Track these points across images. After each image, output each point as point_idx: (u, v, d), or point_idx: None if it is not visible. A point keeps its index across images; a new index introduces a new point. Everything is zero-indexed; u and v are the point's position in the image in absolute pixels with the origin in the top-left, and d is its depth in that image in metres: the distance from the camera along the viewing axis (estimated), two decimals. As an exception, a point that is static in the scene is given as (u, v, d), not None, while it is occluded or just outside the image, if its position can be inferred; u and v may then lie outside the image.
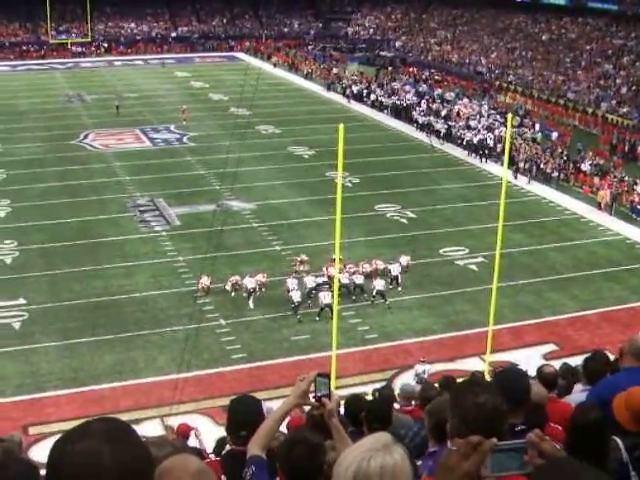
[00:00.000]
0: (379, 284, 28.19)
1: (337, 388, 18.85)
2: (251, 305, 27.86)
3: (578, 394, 7.64)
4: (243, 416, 5.24)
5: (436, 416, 4.24)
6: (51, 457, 2.15)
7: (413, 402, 10.73)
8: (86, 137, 52.27)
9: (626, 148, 50.12)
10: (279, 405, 4.23)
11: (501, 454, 2.28)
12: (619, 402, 5.45)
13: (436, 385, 9.17)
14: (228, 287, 28.56)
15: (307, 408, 5.91)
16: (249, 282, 28.11)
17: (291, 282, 27.91)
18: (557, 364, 12.48)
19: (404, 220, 36.95)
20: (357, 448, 2.93)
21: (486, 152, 47.41)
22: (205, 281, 28.26)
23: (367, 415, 7.17)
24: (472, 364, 23.09)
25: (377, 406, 7.66)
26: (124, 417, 17.01)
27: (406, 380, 20.18)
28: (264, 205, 38.57)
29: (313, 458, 4.17)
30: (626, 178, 42.07)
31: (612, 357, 8.45)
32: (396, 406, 11.18)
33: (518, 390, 4.31)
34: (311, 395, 4.08)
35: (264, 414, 5.34)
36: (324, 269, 29.30)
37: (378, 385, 19.07)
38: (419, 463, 3.91)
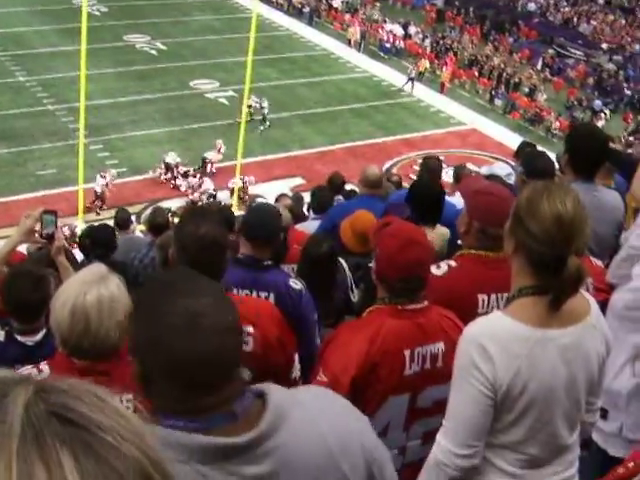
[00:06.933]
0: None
1: (86, 222, 18.54)
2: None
3: (311, 221, 7.94)
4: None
5: (165, 249, 4.26)
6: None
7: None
8: None
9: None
10: (3, 243, 4.08)
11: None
12: (345, 225, 5.76)
13: (169, 214, 9.18)
14: None
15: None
16: None
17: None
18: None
19: (154, 52, 35.89)
20: (72, 283, 2.91)
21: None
22: None
23: (91, 242, 7.15)
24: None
25: (100, 232, 7.68)
26: None
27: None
28: (5, 33, 35.92)
29: (36, 290, 4.10)
30: (376, 16, 42.83)
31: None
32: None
33: (270, 228, 4.37)
34: (37, 232, 3.97)
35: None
36: None
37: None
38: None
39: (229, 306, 1.79)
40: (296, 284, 4.40)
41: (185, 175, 25.50)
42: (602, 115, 33.75)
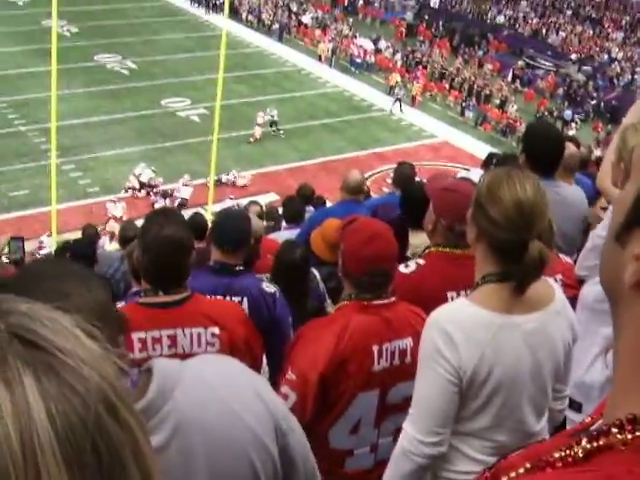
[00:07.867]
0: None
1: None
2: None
3: (284, 231, 7.94)
4: None
5: (132, 256, 4.22)
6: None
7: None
8: None
9: (346, 1, 50.85)
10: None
11: None
12: (316, 234, 5.71)
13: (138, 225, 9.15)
14: None
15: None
16: None
17: None
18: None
19: (125, 71, 35.86)
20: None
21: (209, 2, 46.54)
22: None
23: (71, 255, 7.16)
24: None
25: (80, 245, 7.69)
26: None
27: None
28: (-26, 55, 35.88)
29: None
30: (346, 32, 43.00)
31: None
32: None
33: (239, 234, 4.34)
34: (4, 257, 3.97)
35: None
36: None
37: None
38: (122, 303, 3.88)
39: (98, 285, 1.78)
40: (269, 287, 4.37)
41: (160, 192, 25.52)
42: (573, 125, 34.04)
